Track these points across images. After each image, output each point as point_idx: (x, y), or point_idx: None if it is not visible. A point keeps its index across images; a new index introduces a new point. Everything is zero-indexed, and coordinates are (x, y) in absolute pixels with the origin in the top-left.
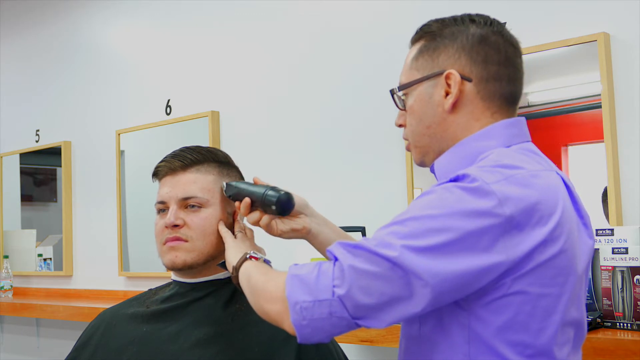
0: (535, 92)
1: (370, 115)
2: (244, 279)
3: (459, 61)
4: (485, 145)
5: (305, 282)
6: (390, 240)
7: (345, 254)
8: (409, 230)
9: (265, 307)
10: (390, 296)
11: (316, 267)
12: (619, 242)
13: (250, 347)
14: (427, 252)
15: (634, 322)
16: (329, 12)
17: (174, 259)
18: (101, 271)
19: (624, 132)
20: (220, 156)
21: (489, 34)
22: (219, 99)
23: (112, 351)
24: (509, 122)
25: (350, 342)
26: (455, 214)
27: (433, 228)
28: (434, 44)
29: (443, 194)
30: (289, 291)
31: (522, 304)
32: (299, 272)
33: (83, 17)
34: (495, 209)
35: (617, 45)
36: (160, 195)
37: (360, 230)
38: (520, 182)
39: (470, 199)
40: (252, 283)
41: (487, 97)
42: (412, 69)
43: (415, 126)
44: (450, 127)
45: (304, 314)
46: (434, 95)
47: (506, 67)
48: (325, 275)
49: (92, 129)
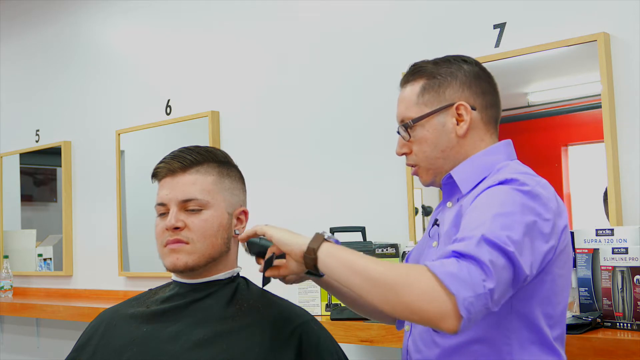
0: (535, 92)
1: (370, 115)
2: (336, 263)
3: (464, 94)
4: (496, 158)
5: (463, 279)
6: (499, 236)
7: (482, 251)
8: (502, 225)
9: (417, 304)
10: (508, 284)
11: (461, 264)
12: (619, 242)
13: (250, 348)
14: (520, 243)
15: (634, 322)
16: (329, 12)
17: (176, 262)
18: (101, 271)
19: (624, 132)
20: (220, 156)
21: (479, 71)
22: (219, 99)
23: (112, 351)
24: (506, 142)
25: (350, 342)
26: (526, 211)
27: (516, 222)
28: (437, 82)
29: (509, 195)
30: (455, 289)
31: (551, 282)
32: (450, 269)
33: (83, 17)
34: (543, 208)
35: (617, 45)
36: (160, 197)
37: (360, 230)
38: (544, 185)
39: (529, 200)
40: (373, 274)
41: (488, 122)
42: (420, 104)
43: (430, 152)
44: (462, 148)
45: (469, 308)
46: (447, 124)
47: (495, 96)
48: (474, 271)
49: (92, 129)
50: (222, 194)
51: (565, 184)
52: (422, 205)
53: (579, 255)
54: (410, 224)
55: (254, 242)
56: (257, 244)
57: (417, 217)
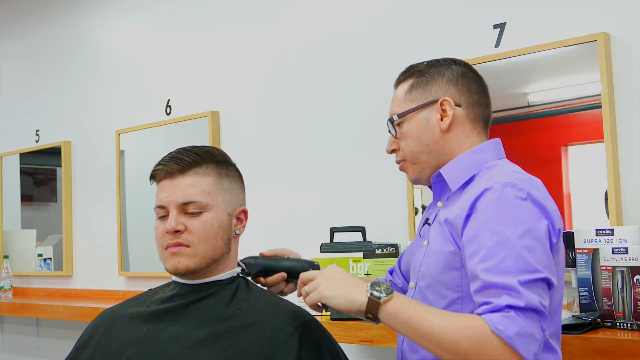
0: (535, 92)
1: (370, 115)
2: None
3: (449, 91)
4: (484, 157)
5: (529, 335)
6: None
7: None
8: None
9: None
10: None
11: (521, 319)
12: (619, 242)
13: (250, 348)
14: (542, 261)
15: (634, 322)
16: (329, 12)
17: (177, 265)
18: (101, 271)
19: (624, 132)
20: (218, 155)
21: (467, 71)
22: (219, 99)
23: (112, 351)
24: (495, 141)
25: (350, 342)
26: (534, 225)
27: (535, 239)
28: (425, 79)
29: (515, 209)
30: (524, 350)
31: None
32: (515, 330)
33: (83, 17)
34: (545, 209)
35: (617, 45)
36: (159, 200)
37: (360, 230)
38: (537, 185)
39: (533, 207)
40: (442, 342)
41: (474, 119)
42: (407, 101)
43: (414, 146)
44: (446, 144)
45: (537, 354)
46: (431, 119)
47: (483, 96)
48: (533, 322)
49: (92, 129)
50: (222, 195)
51: (565, 184)
52: (422, 205)
53: (579, 255)
54: (410, 224)
55: (249, 264)
56: (253, 264)
57: (417, 217)
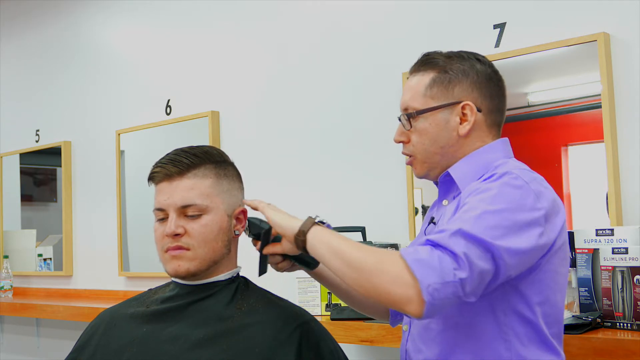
0: (535, 92)
1: (370, 115)
2: (321, 246)
3: (472, 94)
4: (494, 156)
5: (432, 266)
6: (480, 229)
7: (457, 242)
8: (488, 222)
9: (386, 288)
10: (485, 274)
11: (433, 252)
12: (619, 242)
13: (250, 348)
14: (504, 237)
15: (634, 322)
16: (329, 12)
17: (177, 268)
18: (101, 271)
19: (624, 132)
20: (216, 155)
21: (491, 73)
22: (219, 99)
23: (112, 351)
24: (504, 140)
25: (350, 342)
26: (517, 205)
27: (504, 218)
28: (447, 77)
29: (500, 189)
30: (420, 275)
31: (549, 281)
32: (420, 256)
33: (83, 17)
34: (536, 204)
35: (617, 45)
36: (158, 202)
37: (360, 230)
38: (540, 181)
39: (521, 193)
40: (351, 258)
41: (491, 125)
42: (427, 97)
43: (428, 145)
44: (462, 148)
45: (434, 294)
46: (450, 122)
47: (502, 101)
48: (445, 260)
49: (92, 129)
50: (221, 197)
51: (565, 184)
52: (422, 205)
53: (579, 255)
54: (410, 224)
55: (254, 223)
56: (257, 225)
57: (417, 217)
